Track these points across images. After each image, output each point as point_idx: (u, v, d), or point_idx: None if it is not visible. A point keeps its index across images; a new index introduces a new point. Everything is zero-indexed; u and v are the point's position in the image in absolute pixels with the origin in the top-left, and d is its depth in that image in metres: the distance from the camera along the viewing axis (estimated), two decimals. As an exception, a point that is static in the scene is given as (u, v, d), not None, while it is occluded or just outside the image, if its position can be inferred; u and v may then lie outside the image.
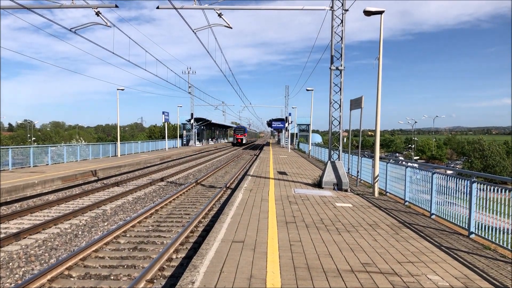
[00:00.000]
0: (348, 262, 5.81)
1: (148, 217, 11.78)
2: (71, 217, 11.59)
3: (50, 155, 24.70)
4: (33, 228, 9.92)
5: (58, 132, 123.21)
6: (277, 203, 10.69)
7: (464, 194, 8.28)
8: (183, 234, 9.38)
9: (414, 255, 6.31)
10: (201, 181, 20.16)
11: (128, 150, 37.75)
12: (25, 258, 8.07)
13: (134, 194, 15.98)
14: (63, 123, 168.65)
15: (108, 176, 22.14)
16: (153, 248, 8.70)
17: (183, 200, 14.81)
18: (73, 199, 14.57)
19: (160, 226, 10.77)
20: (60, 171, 20.14)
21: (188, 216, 12.13)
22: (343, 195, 12.75)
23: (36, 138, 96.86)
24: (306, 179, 17.14)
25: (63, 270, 7.20)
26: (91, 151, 30.47)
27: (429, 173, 9.93)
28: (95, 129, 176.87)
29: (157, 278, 6.90)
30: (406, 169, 11.54)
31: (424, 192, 10.32)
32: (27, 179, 16.63)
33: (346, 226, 8.20)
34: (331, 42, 14.38)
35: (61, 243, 9.13)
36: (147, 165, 29.46)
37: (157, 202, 13.57)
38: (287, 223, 8.28)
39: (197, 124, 64.72)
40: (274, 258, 5.84)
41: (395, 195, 12.68)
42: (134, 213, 12.44)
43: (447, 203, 9.00)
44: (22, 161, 22.32)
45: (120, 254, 8.30)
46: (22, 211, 11.99)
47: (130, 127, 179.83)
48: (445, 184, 9.10)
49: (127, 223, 10.38)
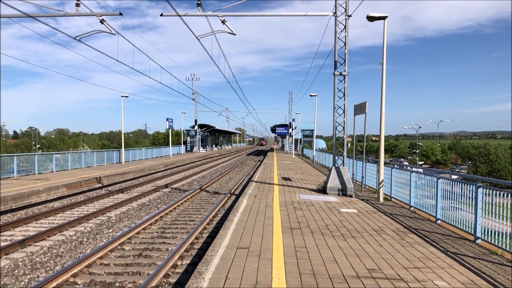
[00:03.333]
0: (353, 268, 5.78)
1: (153, 223, 11.79)
2: (76, 224, 11.61)
3: (54, 163, 24.80)
4: (38, 235, 9.94)
5: (62, 140, 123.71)
6: (282, 209, 10.67)
7: (469, 199, 8.23)
8: (187, 240, 9.37)
9: (420, 260, 6.27)
10: (205, 187, 20.16)
11: (132, 157, 37.85)
12: (30, 265, 8.08)
13: (138, 201, 16.00)
14: (67, 130, 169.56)
15: (112, 183, 22.19)
16: (158, 255, 8.69)
17: (188, 207, 14.81)
18: (77, 206, 14.61)
19: (164, 233, 10.77)
20: (65, 178, 20.21)
21: (192, 222, 12.12)
22: (347, 200, 12.71)
23: (40, 146, 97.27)
24: (311, 184, 17.11)
25: (68, 277, 7.21)
26: (95, 158, 30.58)
27: (434, 178, 9.89)
28: (99, 136, 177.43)
29: (162, 285, 6.90)
30: (411, 174, 11.51)
31: (429, 197, 10.28)
32: (32, 186, 16.69)
33: (351, 232, 8.17)
34: (335, 47, 14.42)
35: (66, 250, 9.14)
36: (151, 172, 29.51)
37: (162, 209, 13.58)
38: (292, 229, 8.26)
39: (201, 130, 64.85)
40: (279, 265, 5.83)
41: (401, 201, 12.62)
42: (139, 220, 12.45)
43: (453, 208, 8.95)
44: (27, 168, 22.43)
45: (125, 261, 8.30)
46: (27, 218, 12.03)
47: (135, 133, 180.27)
48: (450, 189, 9.06)
49: (132, 230, 10.38)
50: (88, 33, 14.95)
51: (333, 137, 14.75)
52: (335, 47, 14.37)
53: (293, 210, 10.62)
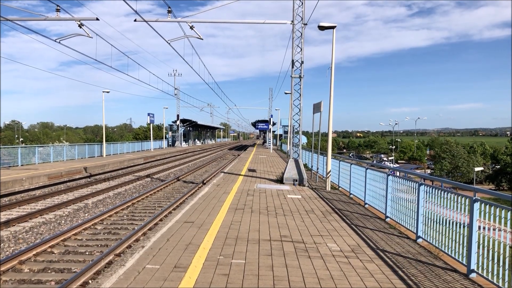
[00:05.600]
0: (270, 235, 7.43)
1: (125, 209, 13.28)
2: (56, 209, 13.03)
3: (37, 156, 26.02)
4: (21, 218, 11.37)
5: (46, 133, 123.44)
6: (236, 196, 12.29)
7: (385, 186, 9.91)
8: (152, 221, 10.92)
9: (328, 231, 7.95)
10: (181, 178, 21.67)
11: (114, 151, 39.08)
12: (14, 240, 9.55)
13: (115, 190, 17.44)
14: (51, 124, 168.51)
15: (92, 174, 23.55)
16: (125, 233, 10.22)
17: (160, 196, 16.32)
18: (58, 194, 16.00)
19: (134, 216, 12.29)
20: (47, 170, 21.51)
21: (160, 208, 13.65)
22: (298, 189, 14.40)
23: (24, 139, 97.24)
24: (274, 176, 18.77)
25: (46, 248, 8.71)
26: (77, 151, 31.79)
27: (363, 168, 11.61)
28: (84, 130, 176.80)
29: (124, 252, 8.44)
30: (351, 166, 13.22)
31: (361, 185, 11.99)
32: (15, 176, 18.00)
33: (285, 212, 9.84)
34: (292, 52, 16.05)
35: (46, 230, 10.60)
36: (131, 165, 30.86)
37: (135, 196, 15.07)
38: (236, 210, 9.89)
39: (183, 125, 66.13)
40: (213, 233, 7.45)
41: (345, 189, 14.35)
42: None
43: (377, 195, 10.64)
44: (10, 161, 23.64)
45: (96, 237, 9.82)
46: (11, 204, 13.40)
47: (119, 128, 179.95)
48: (373, 178, 10.77)
49: (104, 213, 11.88)
50: (68, 36, 16.30)
51: (289, 132, 16.40)
52: (292, 52, 16.01)
53: (245, 196, 12.26)
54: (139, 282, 4.89)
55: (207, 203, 10.84)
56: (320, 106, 15.92)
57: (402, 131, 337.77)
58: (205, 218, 8.75)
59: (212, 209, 9.95)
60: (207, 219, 8.70)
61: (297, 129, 16.36)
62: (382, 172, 10.15)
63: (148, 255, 5.95)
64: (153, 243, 6.65)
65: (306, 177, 15.78)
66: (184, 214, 9.16)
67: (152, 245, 6.50)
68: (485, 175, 67.37)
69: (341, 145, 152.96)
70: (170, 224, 8.09)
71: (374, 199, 10.70)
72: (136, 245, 6.67)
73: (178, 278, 5.06)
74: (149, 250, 6.21)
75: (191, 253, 6.10)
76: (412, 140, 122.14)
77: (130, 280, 4.96)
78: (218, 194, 12.57)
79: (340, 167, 15.00)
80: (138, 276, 5.09)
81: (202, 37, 16.17)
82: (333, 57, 14.80)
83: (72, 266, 7.52)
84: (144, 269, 5.36)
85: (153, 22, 15.28)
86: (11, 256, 7.68)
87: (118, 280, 4.93)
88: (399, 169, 14.77)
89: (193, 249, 6.33)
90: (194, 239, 6.96)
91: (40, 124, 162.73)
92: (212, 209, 9.95)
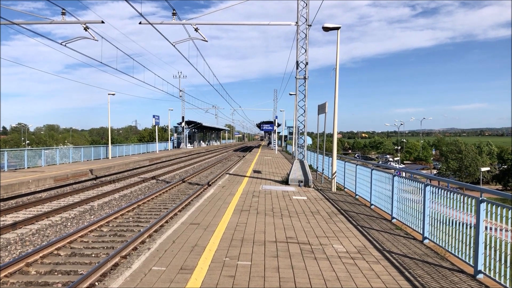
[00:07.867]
0: (276, 236, 7.43)
1: (130, 211, 13.33)
2: (62, 211, 13.10)
3: (43, 158, 26.17)
4: (27, 220, 11.44)
5: (52, 136, 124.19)
6: (241, 197, 12.29)
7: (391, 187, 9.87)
8: (157, 223, 10.94)
9: (334, 232, 7.93)
10: (187, 180, 21.71)
11: (119, 152, 39.23)
12: (21, 242, 9.61)
13: (121, 192, 17.51)
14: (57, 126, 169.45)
15: (98, 176, 23.65)
16: (131, 235, 10.25)
17: (165, 198, 16.36)
18: (64, 196, 16.09)
19: (140, 218, 12.32)
20: (53, 172, 21.64)
21: (166, 210, 13.68)
22: (304, 190, 14.38)
23: (30, 142, 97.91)
24: (279, 177, 18.76)
25: (53, 250, 8.75)
26: (82, 154, 31.95)
27: (368, 169, 11.58)
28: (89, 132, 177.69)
29: (130, 254, 8.47)
30: (356, 166, 13.19)
31: (367, 186, 11.95)
32: (22, 179, 18.12)
33: (291, 213, 9.82)
34: (296, 53, 16.05)
35: (52, 232, 10.66)
36: (136, 167, 30.97)
37: (141, 198, 15.12)
38: (242, 211, 9.89)
39: (188, 126, 66.32)
40: (219, 234, 7.45)
41: (350, 190, 14.31)
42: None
43: (380, 195, 10.61)
44: (16, 163, 23.81)
45: (102, 239, 9.85)
46: (18, 207, 13.49)
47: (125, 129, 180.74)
48: (378, 179, 10.73)
49: (110, 215, 11.93)
50: (74, 39, 16.39)
51: (294, 133, 16.40)
52: (297, 53, 16.01)
53: (251, 197, 12.26)
54: (146, 284, 4.90)
55: (212, 204, 10.85)
56: (325, 107, 15.90)
57: (408, 132, 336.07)
58: (210, 220, 8.76)
59: (217, 210, 9.96)
60: (213, 220, 8.71)
61: (302, 130, 16.35)
62: (388, 173, 10.11)
63: (154, 257, 5.97)
64: (159, 245, 6.67)
65: (312, 178, 15.75)
66: (189, 216, 9.18)
67: (158, 247, 6.52)
68: (491, 175, 67.02)
69: (346, 145, 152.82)
70: (176, 226, 8.10)
71: (380, 200, 10.66)
72: (142, 247, 6.68)
73: (184, 279, 5.07)
74: (155, 252, 6.23)
75: (197, 255, 6.11)
76: (417, 140, 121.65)
77: (136, 282, 4.97)
78: (223, 195, 12.58)
79: (346, 168, 14.96)
80: (145, 278, 5.10)
81: (206, 39, 16.21)
82: (337, 58, 14.77)
83: (78, 268, 7.56)
84: (150, 271, 5.38)
85: (158, 24, 15.36)
86: (18, 259, 7.72)
87: (125, 282, 4.95)
88: (404, 169, 14.72)
89: (199, 251, 6.34)
90: (200, 240, 6.97)
91: (46, 126, 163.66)
92: (217, 210, 9.96)
